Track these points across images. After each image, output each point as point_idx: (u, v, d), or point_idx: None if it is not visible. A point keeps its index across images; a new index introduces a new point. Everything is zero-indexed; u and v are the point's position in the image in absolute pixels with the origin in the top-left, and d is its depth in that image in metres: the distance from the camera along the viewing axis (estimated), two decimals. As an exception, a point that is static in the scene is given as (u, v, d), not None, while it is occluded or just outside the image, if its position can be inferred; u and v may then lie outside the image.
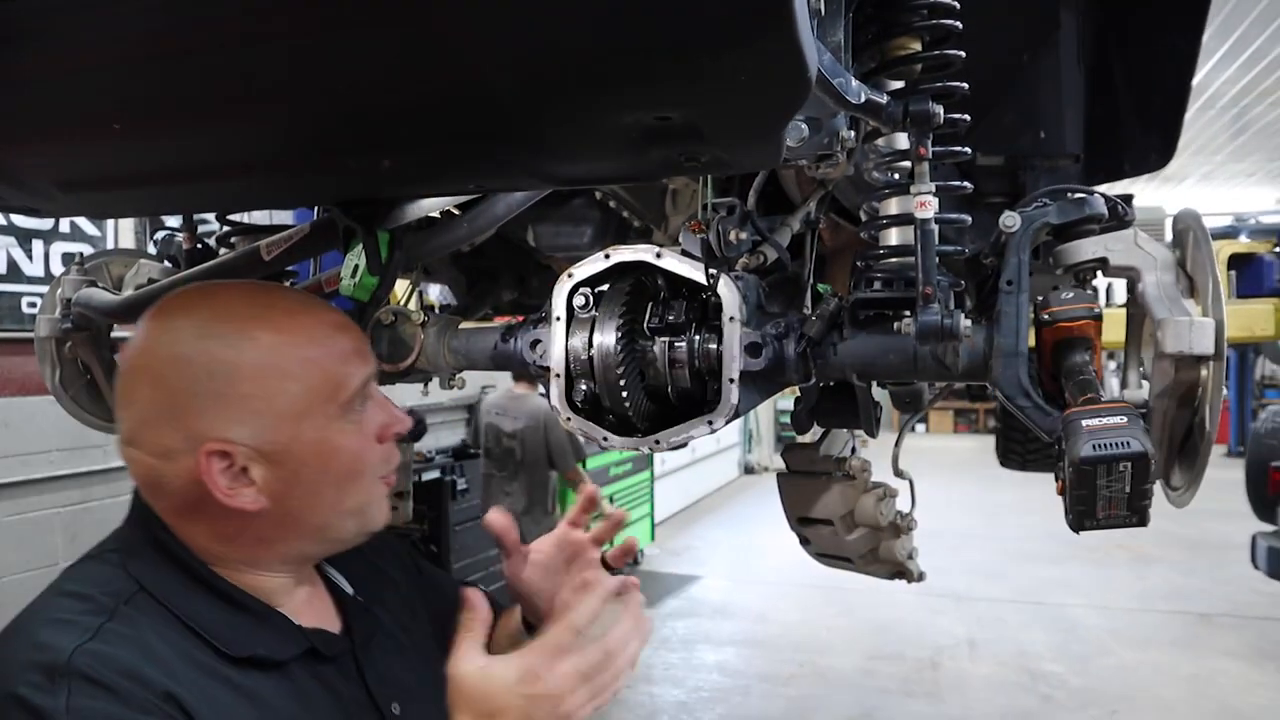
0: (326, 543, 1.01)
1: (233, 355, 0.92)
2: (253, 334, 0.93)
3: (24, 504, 3.69)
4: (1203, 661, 5.25)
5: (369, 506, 1.01)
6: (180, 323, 0.94)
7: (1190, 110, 1.93)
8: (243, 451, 0.91)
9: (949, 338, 1.20)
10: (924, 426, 17.19)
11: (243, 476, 0.92)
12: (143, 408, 0.93)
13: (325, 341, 0.97)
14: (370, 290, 1.53)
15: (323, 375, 0.95)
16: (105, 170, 1.11)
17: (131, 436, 0.94)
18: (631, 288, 1.40)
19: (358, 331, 1.04)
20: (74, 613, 0.87)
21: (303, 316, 0.98)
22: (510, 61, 0.75)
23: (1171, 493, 1.28)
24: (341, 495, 0.98)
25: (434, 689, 0.94)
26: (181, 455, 0.91)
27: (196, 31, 0.72)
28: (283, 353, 0.94)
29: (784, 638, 5.82)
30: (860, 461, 2.13)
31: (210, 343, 0.92)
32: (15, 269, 3.83)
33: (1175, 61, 1.78)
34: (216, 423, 0.90)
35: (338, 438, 0.96)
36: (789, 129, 1.09)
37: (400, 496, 2.16)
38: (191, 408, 0.90)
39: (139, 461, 0.94)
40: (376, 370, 1.03)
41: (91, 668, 0.81)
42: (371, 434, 1.01)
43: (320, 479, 0.95)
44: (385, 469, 1.03)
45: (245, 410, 0.91)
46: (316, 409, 0.94)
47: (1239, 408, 12.83)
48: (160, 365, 0.92)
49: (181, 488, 0.92)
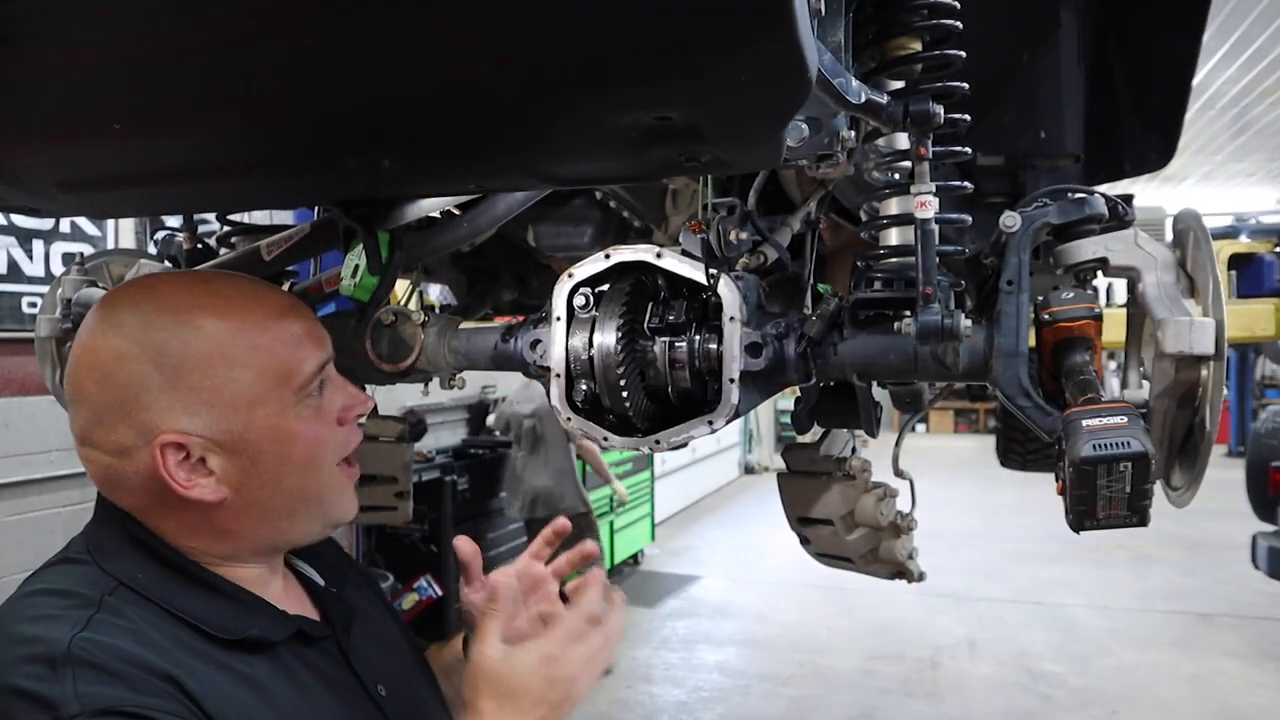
0: (294, 532, 1.00)
1: (179, 346, 0.91)
2: (198, 323, 0.92)
3: (24, 504, 3.69)
4: (1203, 661, 5.25)
5: (333, 495, 1.01)
6: (123, 317, 0.93)
7: (1190, 110, 1.93)
8: (198, 442, 0.90)
9: (949, 338, 1.20)
10: (924, 426, 17.20)
11: (200, 467, 0.91)
12: (93, 406, 0.92)
13: (273, 327, 0.96)
14: (370, 290, 1.53)
15: (273, 361, 0.94)
16: (105, 170, 1.11)
17: (85, 436, 0.93)
18: (632, 288, 1.40)
19: (309, 314, 1.03)
20: (57, 608, 0.86)
21: (249, 302, 0.96)
22: (510, 61, 0.75)
23: (1172, 493, 1.28)
24: (303, 482, 0.97)
25: (407, 672, 1.03)
26: (137, 451, 0.90)
27: (197, 31, 0.72)
28: (230, 340, 0.92)
29: (784, 638, 5.82)
30: (860, 461, 2.12)
31: (155, 335, 0.91)
32: (15, 269, 3.83)
33: (1175, 61, 1.78)
34: (168, 415, 0.90)
35: (294, 424, 0.95)
36: (789, 129, 1.09)
37: (400, 496, 2.17)
38: (141, 402, 0.90)
39: (95, 461, 0.93)
40: (332, 353, 1.02)
41: (92, 654, 0.80)
42: (331, 418, 1.00)
43: (279, 466, 0.95)
44: (345, 450, 1.02)
45: (196, 401, 0.90)
46: (269, 395, 0.94)
47: (1239, 408, 12.83)
48: (106, 362, 0.91)
49: (141, 483, 0.91)
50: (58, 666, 0.79)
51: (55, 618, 0.84)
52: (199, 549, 0.95)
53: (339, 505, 1.02)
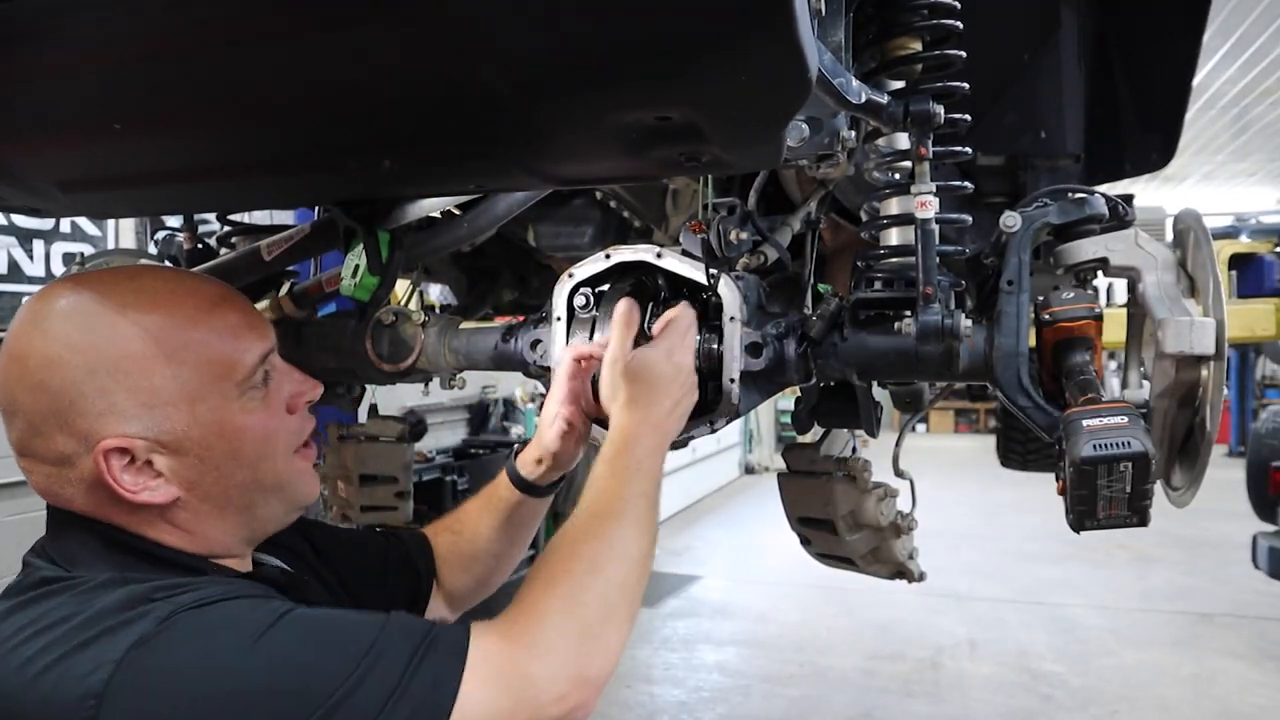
0: (256, 522, 0.98)
1: (109, 347, 0.87)
2: (129, 321, 0.88)
3: (24, 504, 3.69)
4: (1204, 661, 5.25)
5: (290, 481, 0.99)
6: (50, 322, 0.89)
7: (1191, 110, 1.93)
8: (141, 445, 0.87)
9: (949, 338, 1.20)
10: (924, 426, 17.18)
11: (147, 470, 0.88)
12: (27, 417, 0.88)
13: (207, 319, 0.92)
14: (371, 290, 1.53)
15: (210, 354, 0.91)
16: (105, 170, 1.11)
17: (22, 447, 0.90)
18: (632, 288, 1.40)
19: (245, 303, 0.99)
20: (112, 620, 0.80)
21: (178, 295, 0.93)
22: (511, 61, 0.75)
23: (1172, 493, 1.28)
24: (256, 474, 0.94)
25: None
26: (79, 459, 0.87)
27: (197, 31, 0.72)
28: (163, 337, 0.89)
29: (784, 638, 5.81)
30: (861, 461, 2.12)
31: (83, 337, 0.87)
32: (16, 269, 3.83)
33: (1176, 61, 1.78)
34: (107, 420, 0.86)
35: (240, 417, 0.93)
36: (789, 129, 1.09)
37: (400, 496, 2.17)
38: (78, 408, 0.86)
39: (36, 472, 0.90)
40: (275, 341, 0.99)
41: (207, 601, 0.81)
42: (280, 407, 0.98)
43: (229, 461, 0.92)
44: (298, 440, 1.01)
45: (134, 402, 0.87)
46: (210, 390, 0.90)
47: (1239, 408, 12.81)
48: (37, 370, 0.87)
49: (86, 490, 0.88)
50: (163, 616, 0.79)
51: (128, 623, 0.79)
52: (175, 549, 0.93)
53: (298, 489, 1.00)
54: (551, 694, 0.86)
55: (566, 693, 0.87)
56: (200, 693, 0.77)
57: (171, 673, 0.77)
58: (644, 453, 1.08)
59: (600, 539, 0.99)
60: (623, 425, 1.11)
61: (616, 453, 1.08)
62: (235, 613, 0.82)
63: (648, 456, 1.08)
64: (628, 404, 1.12)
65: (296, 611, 0.84)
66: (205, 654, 0.78)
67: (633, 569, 0.98)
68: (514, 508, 1.31)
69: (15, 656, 0.80)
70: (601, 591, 0.94)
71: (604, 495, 1.04)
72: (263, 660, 0.78)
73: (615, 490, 1.04)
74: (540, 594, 0.93)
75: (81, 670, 0.77)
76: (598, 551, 0.97)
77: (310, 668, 0.79)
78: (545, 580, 0.95)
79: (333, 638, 0.82)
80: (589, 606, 0.93)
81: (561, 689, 0.87)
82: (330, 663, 0.79)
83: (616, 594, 0.95)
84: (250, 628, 0.80)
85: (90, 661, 0.77)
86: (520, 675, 0.86)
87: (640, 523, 1.02)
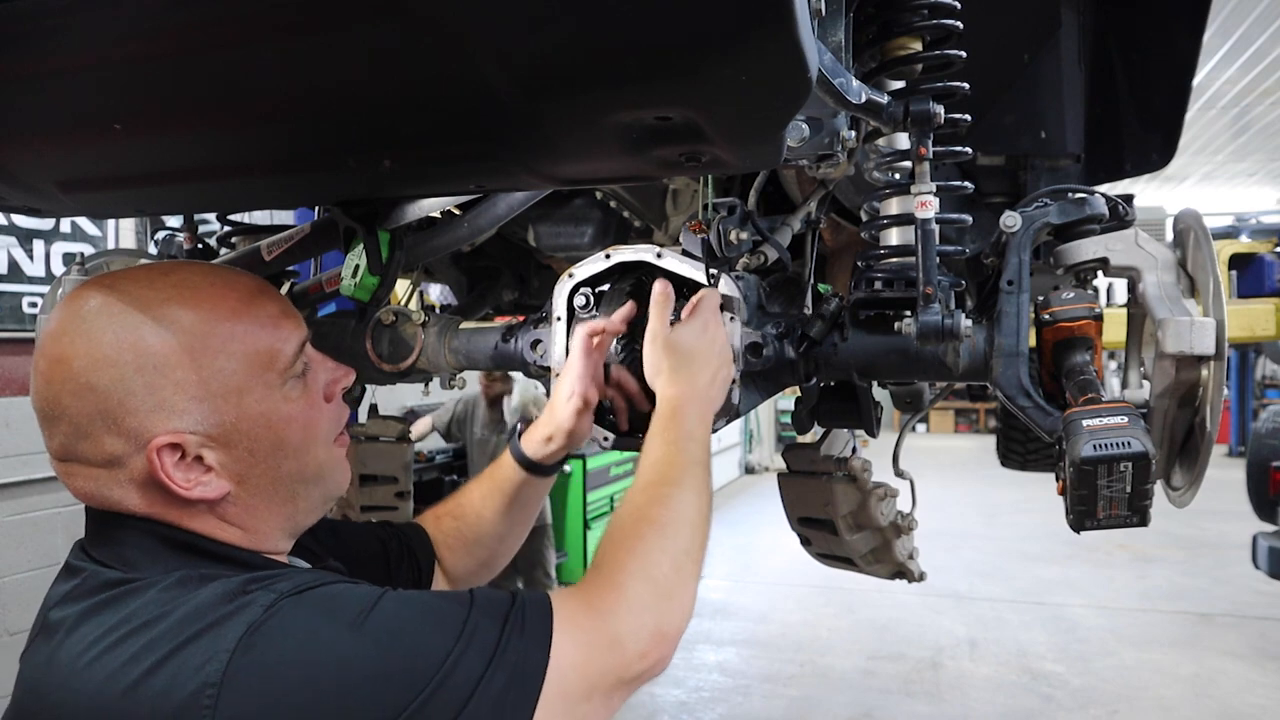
0: (300, 514, 0.98)
1: (157, 343, 0.86)
2: (172, 316, 0.87)
3: (25, 504, 3.69)
4: (1204, 661, 5.25)
5: (330, 469, 0.99)
6: (91, 321, 0.87)
7: (1191, 110, 1.93)
8: (192, 440, 0.87)
9: (949, 338, 1.20)
10: (924, 426, 17.19)
11: (197, 465, 0.88)
12: (73, 420, 0.86)
13: (249, 311, 0.92)
14: (371, 290, 1.53)
15: (255, 345, 0.91)
16: (105, 170, 1.10)
17: (66, 452, 0.88)
18: (632, 288, 1.40)
19: (279, 294, 1.00)
20: (214, 614, 0.79)
21: (218, 288, 0.92)
22: (511, 61, 0.75)
23: (1172, 493, 1.28)
24: (301, 464, 0.95)
25: None
26: (129, 458, 0.86)
27: (197, 31, 0.72)
28: (208, 330, 0.88)
29: (785, 638, 5.81)
30: (861, 461, 2.12)
31: (131, 334, 0.86)
32: (16, 269, 3.83)
33: (1176, 61, 1.78)
34: (157, 417, 0.85)
35: (283, 407, 0.93)
36: (789, 129, 1.09)
37: (401, 496, 2.17)
38: (127, 407, 0.85)
39: (81, 475, 0.88)
40: (309, 331, 1.00)
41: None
42: (318, 395, 0.98)
43: (276, 451, 0.92)
44: (338, 427, 1.01)
45: (183, 397, 0.86)
46: (256, 381, 0.91)
47: (1240, 408, 12.83)
48: (83, 371, 0.85)
49: (137, 490, 0.87)
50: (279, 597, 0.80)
51: (232, 614, 0.78)
52: (232, 544, 0.92)
53: (336, 478, 1.01)
54: (635, 651, 0.92)
55: (648, 649, 0.93)
56: (314, 674, 0.77)
57: (285, 656, 0.77)
58: (693, 422, 1.15)
59: (664, 505, 1.04)
60: (669, 397, 1.17)
61: (666, 425, 1.15)
62: (336, 596, 0.83)
63: (697, 425, 1.15)
64: (671, 377, 1.18)
65: (390, 593, 0.86)
66: (314, 637, 0.79)
67: (696, 532, 1.05)
68: (519, 488, 1.33)
69: (101, 666, 0.78)
70: (671, 553, 1.00)
71: (661, 464, 1.09)
72: (370, 640, 0.80)
73: (671, 458, 1.10)
74: (615, 561, 0.98)
75: (194, 663, 0.76)
76: (663, 517, 1.03)
77: (415, 645, 0.81)
78: (617, 548, 1.00)
79: (429, 616, 0.84)
80: (661, 568, 0.98)
81: (644, 646, 0.93)
82: (432, 639, 0.82)
83: (684, 555, 1.01)
84: (352, 610, 0.81)
85: (202, 654, 0.76)
86: (605, 637, 0.90)
87: (698, 487, 1.08)
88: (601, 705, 0.90)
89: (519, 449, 1.32)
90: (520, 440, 1.33)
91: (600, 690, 0.89)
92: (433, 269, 2.21)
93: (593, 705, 0.89)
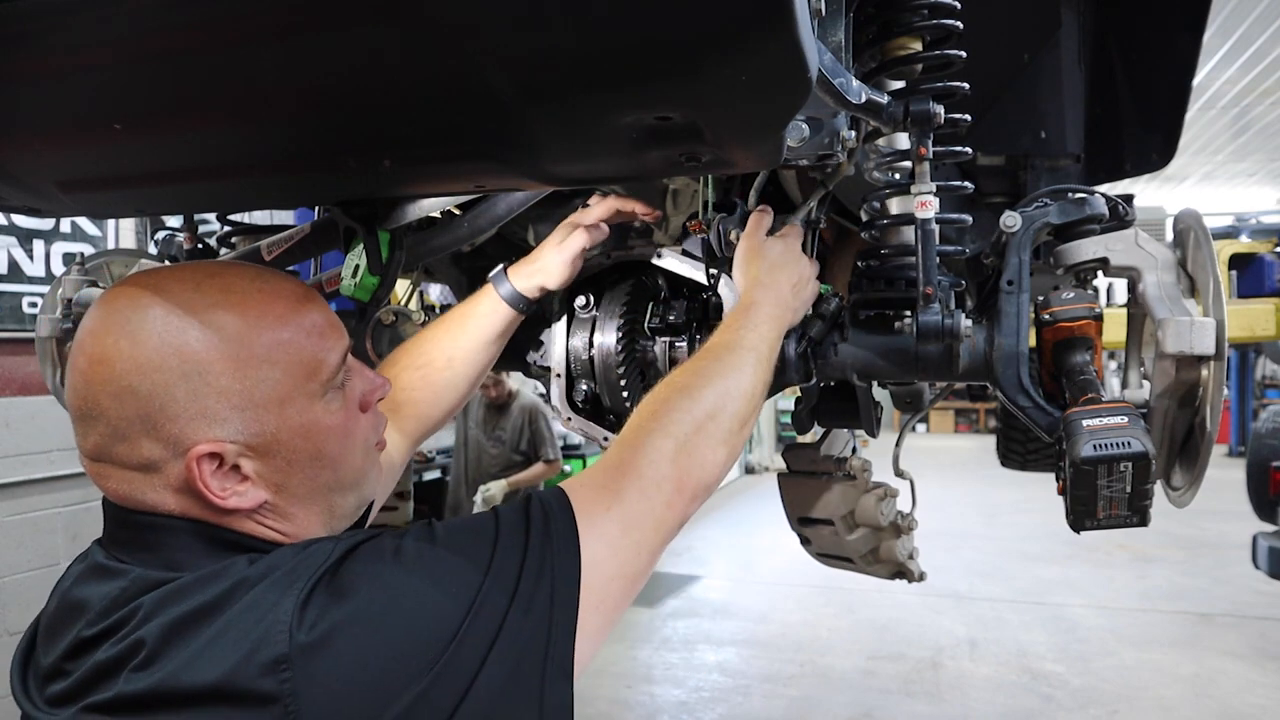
0: (335, 520, 0.97)
1: (202, 350, 0.84)
2: (218, 322, 0.86)
3: (25, 504, 3.69)
4: (1204, 661, 5.25)
5: (366, 477, 0.99)
6: (134, 323, 0.85)
7: (1191, 110, 1.93)
8: (231, 449, 0.85)
9: (950, 338, 1.20)
10: (924, 426, 17.19)
11: (234, 474, 0.86)
12: (110, 422, 0.84)
13: (295, 319, 0.90)
14: (371, 290, 1.53)
15: (299, 355, 0.90)
16: (105, 170, 1.10)
17: (100, 453, 0.86)
18: (632, 288, 1.40)
19: (325, 303, 0.98)
20: (271, 595, 0.79)
21: (266, 295, 0.90)
22: (511, 61, 0.75)
23: (1172, 493, 1.28)
24: (338, 472, 0.94)
25: None
26: (167, 464, 0.84)
27: (197, 31, 0.72)
28: (253, 338, 0.87)
29: (785, 638, 5.81)
30: (861, 461, 2.12)
31: (177, 339, 0.84)
32: (16, 269, 3.83)
33: (1176, 61, 1.78)
34: (199, 424, 0.84)
35: (324, 417, 0.91)
36: (790, 129, 1.09)
37: (400, 496, 2.17)
38: (168, 413, 0.83)
39: (115, 477, 0.86)
40: (350, 340, 0.98)
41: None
42: (355, 405, 0.97)
43: (314, 462, 0.91)
44: (375, 437, 1.00)
45: (225, 405, 0.85)
46: (298, 391, 0.89)
47: (1240, 408, 12.83)
48: (125, 374, 0.83)
49: (172, 495, 0.86)
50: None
51: (273, 602, 0.78)
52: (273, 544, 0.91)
53: (371, 485, 1.01)
54: (660, 503, 0.97)
55: (671, 499, 0.98)
56: (385, 608, 0.80)
57: (352, 589, 0.80)
58: (762, 316, 1.21)
59: (697, 375, 1.09)
60: (749, 291, 1.25)
61: (736, 315, 1.21)
62: (383, 544, 0.86)
63: (765, 321, 1.21)
64: (757, 278, 1.26)
65: (419, 530, 0.88)
66: (376, 575, 0.82)
67: (727, 400, 1.08)
68: (507, 323, 1.39)
69: (181, 650, 0.77)
70: (694, 414, 1.04)
71: (714, 345, 1.16)
72: (425, 572, 0.83)
73: (726, 341, 1.16)
74: (635, 425, 1.04)
75: (279, 612, 0.77)
76: (692, 384, 1.08)
77: (459, 567, 0.84)
78: (640, 412, 1.06)
79: (466, 539, 0.88)
80: (682, 425, 1.02)
81: (666, 497, 0.97)
82: (476, 555, 0.85)
83: (708, 419, 1.05)
84: (407, 553, 0.85)
85: (282, 602, 0.78)
86: (627, 515, 0.94)
87: (742, 367, 1.12)
88: (647, 560, 0.96)
89: (510, 288, 1.38)
90: (508, 278, 1.39)
91: (636, 556, 0.94)
92: (433, 269, 2.21)
93: (636, 566, 0.94)
